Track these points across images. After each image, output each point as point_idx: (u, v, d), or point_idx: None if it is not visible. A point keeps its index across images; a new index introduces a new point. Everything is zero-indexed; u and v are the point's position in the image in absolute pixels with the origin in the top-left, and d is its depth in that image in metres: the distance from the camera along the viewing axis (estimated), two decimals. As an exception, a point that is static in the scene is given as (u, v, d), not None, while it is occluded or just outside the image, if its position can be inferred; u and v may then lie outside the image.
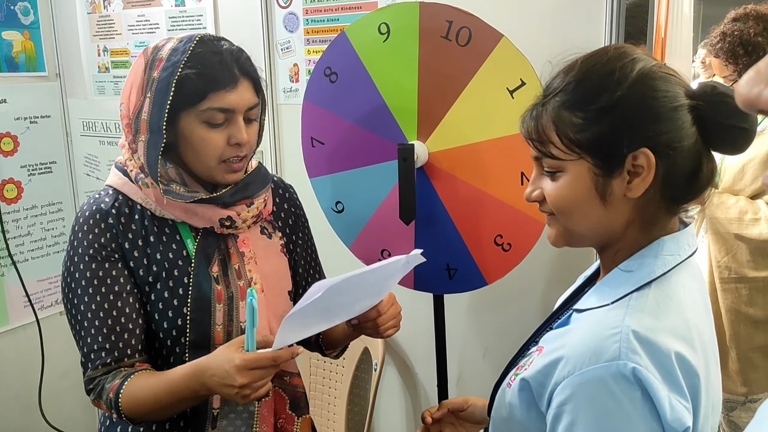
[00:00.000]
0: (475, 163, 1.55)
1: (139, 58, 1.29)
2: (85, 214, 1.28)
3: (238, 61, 1.26)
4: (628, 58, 0.91)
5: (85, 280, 1.25)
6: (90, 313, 1.24)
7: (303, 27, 2.16)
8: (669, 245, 0.93)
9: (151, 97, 1.24)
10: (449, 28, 1.49)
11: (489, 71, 1.48)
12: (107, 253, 1.26)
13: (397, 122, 1.60)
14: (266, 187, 1.39)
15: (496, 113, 1.49)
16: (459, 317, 2.03)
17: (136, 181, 1.29)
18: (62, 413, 2.68)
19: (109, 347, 1.23)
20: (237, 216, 1.32)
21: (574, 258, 1.85)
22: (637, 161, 0.88)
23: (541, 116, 0.94)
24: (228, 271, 1.33)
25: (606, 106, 0.89)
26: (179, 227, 1.32)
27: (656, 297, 0.89)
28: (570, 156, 0.92)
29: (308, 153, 1.75)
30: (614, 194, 0.91)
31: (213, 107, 1.22)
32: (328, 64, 1.66)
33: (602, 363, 0.84)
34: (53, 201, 2.71)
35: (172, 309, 1.27)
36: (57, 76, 2.69)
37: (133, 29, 2.49)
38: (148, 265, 1.28)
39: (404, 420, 2.29)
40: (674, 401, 0.82)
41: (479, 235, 1.58)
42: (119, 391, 1.20)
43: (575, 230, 0.97)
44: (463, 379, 2.11)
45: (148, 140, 1.25)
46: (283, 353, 1.12)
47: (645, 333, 0.84)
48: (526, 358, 0.99)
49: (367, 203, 1.70)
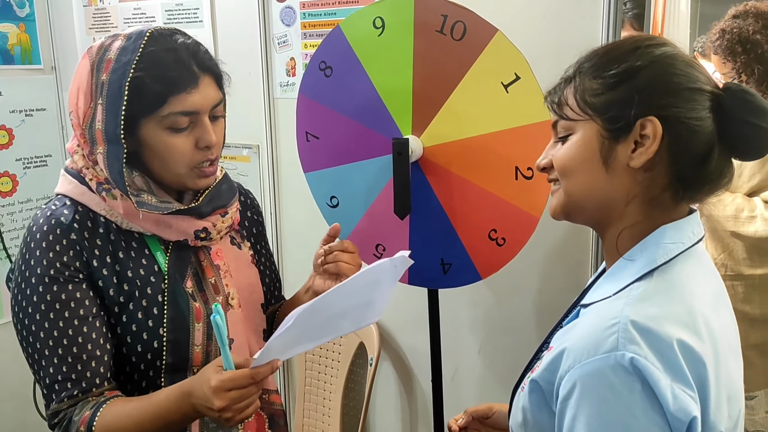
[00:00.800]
0: (469, 158, 1.54)
1: (84, 59, 1.16)
2: (42, 228, 1.13)
3: (195, 56, 1.15)
4: (656, 41, 0.94)
5: (44, 304, 1.12)
6: (51, 341, 1.11)
7: (300, 21, 2.15)
8: (671, 233, 0.92)
9: (103, 104, 1.12)
10: (444, 23, 1.49)
11: (484, 65, 1.47)
12: (70, 273, 1.13)
13: (391, 117, 1.59)
14: (236, 195, 1.32)
15: (491, 107, 1.49)
16: (454, 312, 2.02)
17: (99, 192, 1.16)
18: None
19: (75, 377, 1.12)
20: (212, 227, 1.24)
21: (569, 252, 1.85)
22: (645, 130, 0.89)
23: (567, 84, 0.97)
24: (203, 285, 1.25)
25: (624, 73, 0.91)
26: (147, 240, 1.21)
27: (658, 285, 0.89)
28: (582, 117, 0.94)
29: (303, 147, 1.74)
30: (618, 161, 0.92)
31: (175, 111, 1.12)
32: (323, 58, 1.65)
33: (600, 354, 0.83)
34: (48, 194, 2.69)
35: (147, 330, 1.16)
36: (52, 68, 2.69)
37: (129, 22, 2.48)
38: (118, 283, 1.16)
39: (399, 415, 2.29)
40: (677, 390, 0.81)
41: (474, 229, 1.58)
42: (92, 424, 1.09)
43: (574, 195, 0.97)
44: (458, 374, 2.11)
45: (107, 151, 1.13)
46: (262, 369, 1.04)
47: (644, 322, 0.83)
48: (539, 360, 0.98)
49: (361, 198, 1.69)
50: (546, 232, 1.56)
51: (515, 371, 1.98)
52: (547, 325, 1.91)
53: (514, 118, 1.47)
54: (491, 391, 2.07)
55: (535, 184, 1.48)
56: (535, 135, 1.45)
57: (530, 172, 1.48)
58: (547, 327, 1.92)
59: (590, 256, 1.84)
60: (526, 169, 1.49)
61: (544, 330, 1.92)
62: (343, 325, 1.20)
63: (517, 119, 1.47)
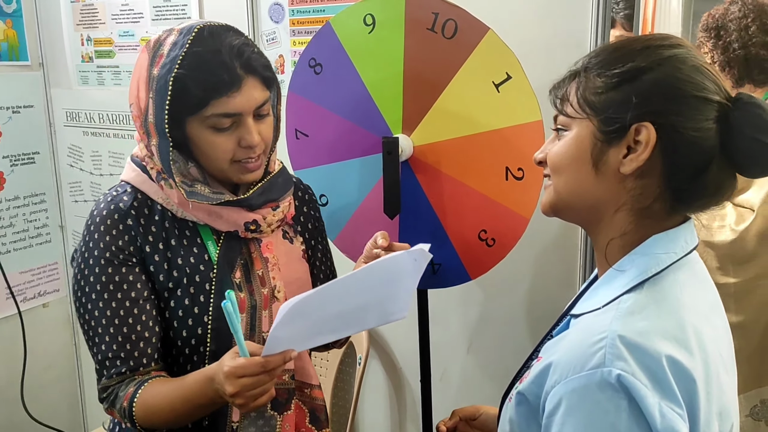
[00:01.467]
0: (460, 158, 1.53)
1: (143, 53, 1.20)
2: (102, 213, 1.20)
3: (240, 57, 1.15)
4: (669, 42, 0.89)
5: (100, 284, 1.18)
6: (104, 320, 1.17)
7: (288, 18, 2.13)
8: (663, 242, 0.89)
9: (153, 98, 1.16)
10: (435, 20, 1.47)
11: (475, 64, 1.46)
12: (125, 256, 1.19)
13: (382, 115, 1.58)
14: (290, 189, 1.33)
15: (482, 107, 1.48)
16: (443, 312, 2.02)
17: (158, 181, 1.21)
18: (45, 407, 2.66)
19: (124, 356, 1.17)
20: (263, 220, 1.25)
21: (558, 253, 1.85)
22: (639, 136, 0.86)
23: (572, 79, 0.94)
24: (251, 277, 1.27)
25: (627, 73, 0.88)
26: (200, 230, 1.25)
27: (647, 298, 0.86)
28: (579, 114, 0.91)
29: (292, 145, 1.73)
30: (608, 165, 0.89)
31: (217, 113, 1.14)
32: (313, 56, 1.64)
33: (587, 371, 0.80)
34: (36, 192, 2.69)
35: (192, 317, 1.21)
36: (40, 65, 2.67)
37: (117, 18, 2.46)
38: (168, 269, 1.21)
39: (388, 414, 2.28)
40: (665, 408, 0.78)
41: (463, 230, 1.57)
42: (133, 400, 1.15)
43: (562, 194, 0.94)
44: (447, 374, 2.10)
45: (158, 144, 1.18)
46: (274, 359, 1.05)
47: (632, 337, 0.81)
48: (528, 370, 0.95)
49: (351, 197, 1.68)
50: (535, 232, 1.55)
51: (504, 371, 2.00)
52: (536, 326, 1.93)
53: (505, 118, 1.46)
54: (480, 391, 2.06)
55: (526, 184, 1.47)
56: (526, 135, 1.44)
57: (521, 172, 1.48)
58: (536, 327, 1.93)
59: (579, 258, 1.83)
60: (517, 169, 1.48)
61: (533, 330, 1.94)
62: (366, 318, 1.18)
63: (508, 119, 1.46)
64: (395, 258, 1.09)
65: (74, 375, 2.91)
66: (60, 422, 2.70)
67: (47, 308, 2.76)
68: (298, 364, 1.34)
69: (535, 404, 0.89)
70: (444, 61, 1.49)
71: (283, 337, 1.05)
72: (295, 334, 1.07)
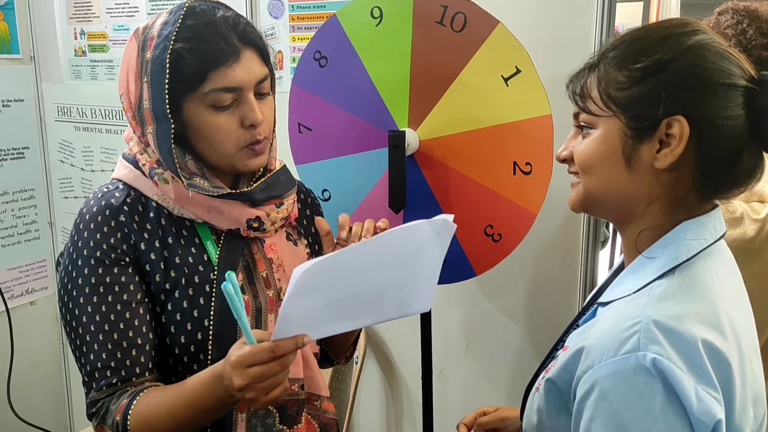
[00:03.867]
0: (467, 152, 1.52)
1: (131, 42, 1.14)
2: (92, 210, 1.12)
3: (236, 29, 1.10)
4: (688, 29, 0.88)
5: (88, 287, 1.09)
6: (93, 326, 1.09)
7: (288, 13, 2.11)
8: (693, 229, 0.89)
9: (148, 82, 1.09)
10: (444, 13, 1.46)
11: (484, 58, 1.45)
12: (117, 255, 1.11)
13: (387, 109, 1.57)
14: (294, 187, 1.27)
15: (490, 101, 1.47)
16: (441, 310, 2.00)
17: (152, 177, 1.14)
18: (32, 406, 2.61)
19: (114, 365, 1.08)
20: (266, 217, 1.18)
21: (559, 252, 1.84)
22: (671, 130, 0.85)
23: (590, 72, 0.92)
24: (254, 279, 1.20)
25: (651, 67, 0.86)
26: (198, 228, 1.17)
27: (680, 283, 0.86)
28: (605, 112, 0.89)
29: (295, 139, 1.71)
30: (641, 161, 0.88)
31: (217, 88, 1.07)
32: (318, 48, 1.62)
33: (621, 355, 0.80)
34: (25, 188, 2.64)
35: (192, 321, 1.12)
36: (32, 59, 2.62)
37: (111, 12, 2.42)
38: (165, 269, 1.13)
39: (384, 414, 2.26)
40: (702, 392, 0.78)
41: (469, 225, 1.56)
42: (127, 412, 1.05)
43: (594, 192, 0.93)
44: (445, 372, 2.08)
45: (156, 131, 1.11)
46: (284, 343, 0.95)
47: (667, 321, 0.80)
48: (553, 360, 0.94)
49: (354, 191, 1.66)
50: (535, 229, 1.54)
51: (503, 370, 1.99)
52: (536, 325, 1.92)
53: (514, 112, 1.45)
54: (478, 391, 2.05)
55: (534, 179, 1.47)
56: (535, 130, 1.44)
57: (529, 167, 1.47)
58: (535, 327, 1.92)
59: (580, 256, 1.83)
60: (525, 164, 1.47)
61: (533, 330, 1.93)
62: (385, 306, 1.06)
63: (517, 113, 1.45)
64: (415, 227, 0.99)
65: (61, 374, 2.86)
66: (46, 422, 2.65)
67: (35, 306, 2.71)
68: (307, 374, 1.24)
69: (566, 391, 0.88)
70: (452, 54, 1.48)
71: (294, 315, 0.96)
72: (307, 314, 0.98)
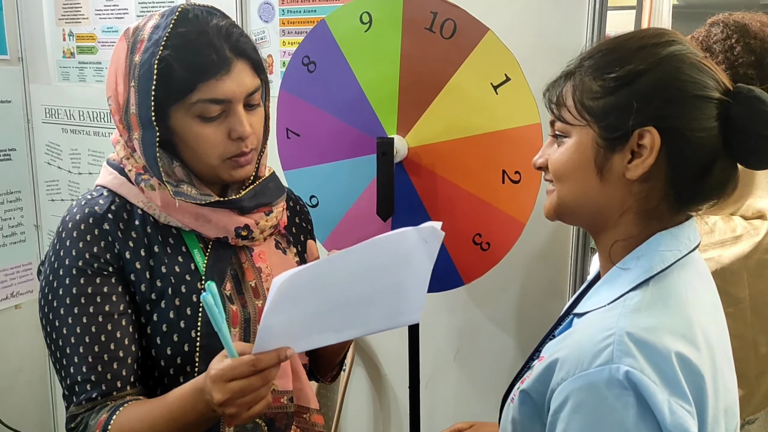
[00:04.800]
0: (455, 160, 1.51)
1: (120, 42, 1.11)
2: (75, 217, 1.08)
3: (229, 39, 1.06)
4: (664, 39, 0.88)
5: (69, 297, 1.06)
6: (73, 338, 1.05)
7: (278, 17, 2.10)
8: (667, 240, 0.89)
9: (135, 87, 1.06)
10: (433, 20, 1.45)
11: (473, 66, 1.44)
12: (99, 265, 1.07)
13: (376, 115, 1.55)
14: (284, 194, 1.24)
15: (480, 109, 1.46)
16: (429, 318, 1.99)
17: (138, 183, 1.11)
18: (15, 411, 2.59)
19: (94, 379, 1.04)
20: (255, 225, 1.15)
21: (547, 259, 1.83)
22: (642, 141, 0.85)
23: (567, 80, 0.92)
24: (242, 288, 1.16)
25: (625, 77, 0.86)
26: (185, 237, 1.14)
27: (654, 295, 0.85)
28: (579, 121, 0.89)
29: (283, 145, 1.69)
30: (612, 171, 0.88)
31: (204, 99, 1.04)
32: (307, 53, 1.60)
33: (594, 368, 0.79)
34: (12, 190, 2.62)
35: (178, 332, 1.08)
36: (19, 59, 2.60)
37: (100, 14, 2.41)
38: (151, 279, 1.09)
39: (372, 422, 2.25)
40: (674, 405, 0.78)
41: (457, 233, 1.55)
42: (107, 427, 1.01)
43: (567, 201, 0.93)
44: (433, 381, 2.07)
45: (142, 137, 1.07)
46: (266, 357, 0.92)
47: (641, 333, 0.80)
48: (529, 371, 0.94)
49: (342, 198, 1.65)
50: (525, 237, 1.53)
51: (491, 379, 1.98)
52: (525, 333, 1.91)
53: (503, 120, 1.44)
54: (466, 399, 2.04)
55: (523, 188, 1.46)
56: (524, 138, 1.43)
57: (518, 176, 1.46)
58: (524, 334, 1.91)
59: (569, 264, 1.82)
60: (514, 172, 1.46)
61: (522, 338, 1.91)
62: (373, 317, 1.02)
63: (506, 121, 1.44)
64: (401, 234, 0.96)
65: (46, 379, 2.83)
66: (30, 427, 2.63)
67: (20, 309, 2.68)
68: (296, 386, 1.20)
69: (540, 402, 0.88)
70: (442, 61, 1.47)
71: (276, 327, 0.92)
72: (290, 325, 0.94)
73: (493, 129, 1.46)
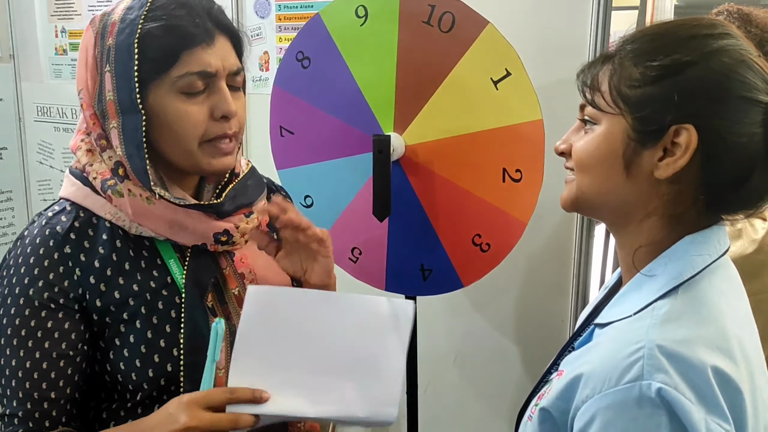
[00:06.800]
0: (454, 158, 1.46)
1: (87, 32, 1.03)
2: (35, 241, 1.00)
3: (210, 13, 1.01)
4: (717, 31, 0.81)
5: (11, 328, 0.99)
6: (8, 370, 0.99)
7: (275, 13, 2.07)
8: (696, 244, 0.82)
9: (111, 70, 0.98)
10: (431, 13, 1.41)
11: (472, 60, 1.40)
12: (51, 295, 0.99)
13: (372, 112, 1.51)
14: (264, 190, 1.16)
15: (479, 105, 1.42)
16: (428, 320, 1.94)
17: (104, 191, 1.02)
18: None
19: (22, 416, 0.98)
20: (235, 229, 1.06)
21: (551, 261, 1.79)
22: (678, 138, 0.78)
23: (605, 63, 0.85)
24: (225, 298, 1.08)
25: (669, 67, 0.79)
26: (159, 247, 1.05)
27: (684, 303, 0.79)
28: (612, 109, 0.82)
29: (276, 143, 1.65)
30: (641, 167, 0.81)
31: (191, 71, 0.97)
32: (301, 49, 1.56)
33: (623, 384, 0.73)
34: (3, 189, 2.59)
35: (159, 352, 1.01)
36: (11, 57, 2.57)
37: (93, 10, 2.37)
38: (121, 298, 1.01)
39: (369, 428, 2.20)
40: (713, 425, 0.71)
41: (457, 234, 1.50)
42: None
43: (587, 193, 0.86)
44: (432, 385, 2.03)
45: (122, 124, 0.99)
46: (242, 391, 0.92)
47: (673, 346, 0.73)
48: (547, 385, 0.88)
49: (338, 198, 1.61)
50: (527, 237, 1.48)
51: (491, 384, 1.93)
52: (526, 337, 1.86)
53: (504, 117, 1.40)
54: (466, 405, 1.99)
55: (524, 187, 1.41)
56: (525, 135, 1.38)
57: (518, 174, 1.41)
58: (526, 338, 1.87)
59: (572, 265, 1.78)
60: (515, 170, 1.41)
61: (523, 342, 1.87)
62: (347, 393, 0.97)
63: (507, 118, 1.40)
64: (371, 300, 0.98)
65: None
66: None
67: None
68: None
69: (562, 421, 0.81)
70: (440, 55, 1.43)
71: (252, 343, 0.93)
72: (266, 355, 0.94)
73: (493, 125, 1.41)
